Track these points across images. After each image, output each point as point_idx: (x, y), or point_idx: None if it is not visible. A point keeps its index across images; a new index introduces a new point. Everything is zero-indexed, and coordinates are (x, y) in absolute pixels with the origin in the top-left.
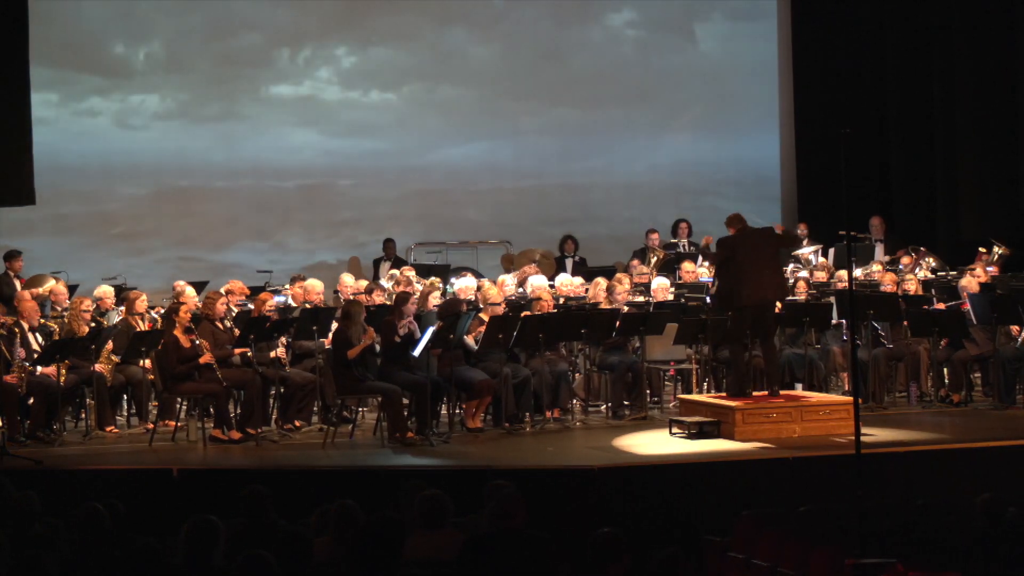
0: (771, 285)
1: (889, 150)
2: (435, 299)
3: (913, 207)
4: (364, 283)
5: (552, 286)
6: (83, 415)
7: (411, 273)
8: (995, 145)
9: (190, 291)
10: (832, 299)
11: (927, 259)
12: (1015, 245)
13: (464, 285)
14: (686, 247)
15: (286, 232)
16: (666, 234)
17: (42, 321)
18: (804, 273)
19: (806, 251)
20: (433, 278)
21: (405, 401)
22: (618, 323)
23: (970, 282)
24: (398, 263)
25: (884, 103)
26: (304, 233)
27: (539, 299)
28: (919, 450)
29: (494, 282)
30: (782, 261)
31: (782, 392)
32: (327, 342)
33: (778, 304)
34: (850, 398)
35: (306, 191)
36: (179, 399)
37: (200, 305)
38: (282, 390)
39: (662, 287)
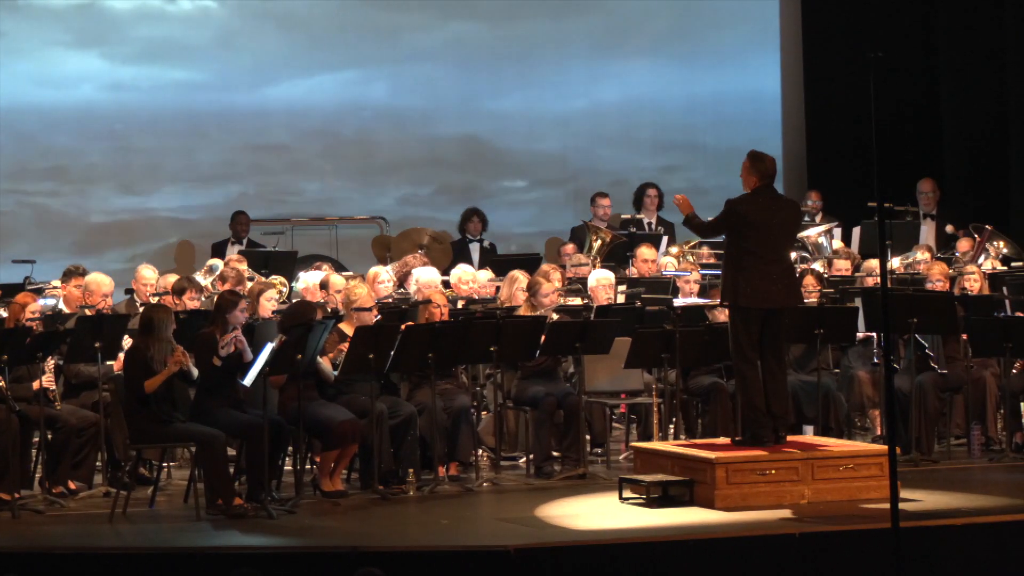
0: (783, 283)
1: (939, 85)
2: (273, 302)
3: (975, 169)
4: (173, 278)
5: (447, 283)
6: None
7: (241, 265)
8: None
9: None
10: (857, 302)
11: (995, 242)
12: None
13: (315, 282)
14: (653, 226)
15: (55, 198)
16: (623, 206)
17: None
18: (816, 264)
19: (816, 231)
20: (275, 277)
21: (231, 452)
22: (544, 337)
23: None
24: (251, 247)
25: (932, 15)
26: (82, 200)
27: (428, 302)
28: (980, 522)
29: (363, 277)
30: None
31: (788, 438)
32: (117, 366)
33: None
34: (884, 447)
35: (85, 138)
36: None
37: None
38: (50, 436)
39: (604, 283)
